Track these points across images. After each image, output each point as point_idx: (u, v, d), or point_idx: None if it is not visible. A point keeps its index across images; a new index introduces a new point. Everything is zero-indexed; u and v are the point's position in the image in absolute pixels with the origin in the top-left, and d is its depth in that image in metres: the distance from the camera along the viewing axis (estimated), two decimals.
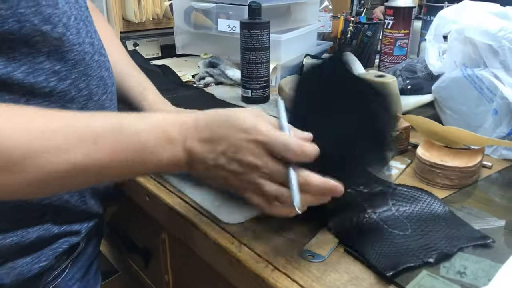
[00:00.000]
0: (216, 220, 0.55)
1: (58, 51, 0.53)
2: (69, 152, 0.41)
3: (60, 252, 0.60)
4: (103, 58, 0.63)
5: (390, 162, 0.69)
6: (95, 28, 0.63)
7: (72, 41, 0.55)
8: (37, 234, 0.57)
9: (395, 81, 0.69)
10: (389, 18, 1.08)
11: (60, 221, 0.59)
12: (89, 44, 0.59)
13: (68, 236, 0.61)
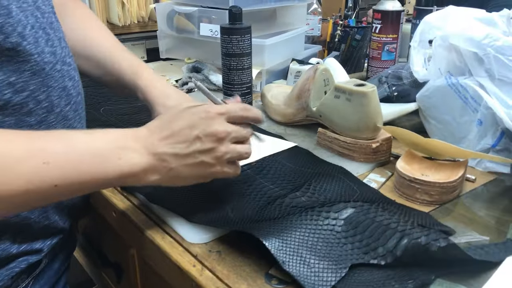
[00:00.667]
0: (181, 239, 0.52)
1: (12, 62, 0.50)
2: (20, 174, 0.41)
3: (17, 272, 0.57)
4: (66, 67, 0.59)
5: (370, 175, 0.66)
6: (61, 35, 0.60)
7: (30, 51, 0.52)
8: None
9: (374, 90, 0.66)
10: (377, 22, 1.05)
11: (19, 240, 0.56)
12: (50, 53, 0.55)
13: (28, 255, 0.58)
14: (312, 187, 0.59)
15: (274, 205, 0.55)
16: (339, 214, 0.51)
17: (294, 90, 0.80)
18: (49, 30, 0.57)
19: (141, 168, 0.47)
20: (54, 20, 0.60)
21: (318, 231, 0.49)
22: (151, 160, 0.47)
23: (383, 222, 0.49)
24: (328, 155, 0.72)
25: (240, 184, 0.62)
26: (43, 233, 0.59)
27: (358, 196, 0.58)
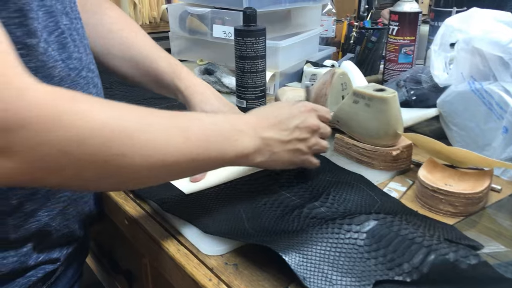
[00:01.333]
0: (196, 251, 0.50)
1: (45, 68, 0.49)
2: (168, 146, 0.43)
3: (34, 281, 0.57)
4: (91, 74, 0.59)
5: (390, 184, 0.64)
6: (86, 42, 0.60)
7: (55, 57, 0.51)
8: (12, 267, 0.53)
9: (395, 96, 0.64)
10: (394, 24, 1.03)
11: (38, 250, 0.56)
12: (77, 60, 0.55)
13: (45, 264, 0.57)
14: (331, 197, 0.57)
15: (292, 216, 0.53)
16: (361, 227, 0.49)
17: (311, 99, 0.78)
18: (76, 36, 0.56)
19: (251, 150, 0.51)
20: (80, 26, 0.59)
21: (340, 245, 0.47)
22: (259, 143, 0.52)
23: (408, 236, 0.47)
24: (346, 162, 0.70)
25: (256, 192, 0.60)
26: (62, 242, 0.59)
27: (379, 207, 0.56)
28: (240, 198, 0.58)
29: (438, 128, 0.81)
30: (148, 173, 0.43)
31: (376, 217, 0.50)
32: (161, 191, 0.60)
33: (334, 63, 1.10)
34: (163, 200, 0.58)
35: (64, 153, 0.36)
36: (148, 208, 0.59)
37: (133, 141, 0.40)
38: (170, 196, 0.59)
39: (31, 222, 0.53)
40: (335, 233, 0.48)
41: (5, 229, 0.51)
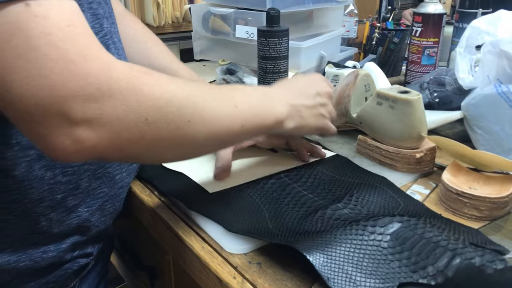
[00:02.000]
0: (220, 249, 0.51)
1: None
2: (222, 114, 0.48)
3: (69, 274, 0.59)
4: None
5: (413, 186, 0.64)
6: (121, 45, 0.62)
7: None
8: (51, 261, 0.55)
9: (420, 98, 0.64)
10: (418, 25, 1.02)
11: (76, 246, 0.58)
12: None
13: (79, 258, 0.60)
14: (354, 198, 0.57)
15: (316, 217, 0.53)
16: (385, 229, 0.49)
17: (333, 95, 0.78)
18: (115, 39, 0.59)
19: (285, 116, 0.56)
20: (117, 31, 0.62)
21: (364, 246, 0.47)
22: (290, 109, 0.57)
23: (433, 239, 0.47)
24: (368, 164, 0.70)
25: (278, 192, 0.60)
26: (97, 237, 0.61)
27: (402, 209, 0.55)
28: (263, 198, 0.59)
29: (461, 131, 0.80)
30: (205, 140, 0.47)
31: (400, 220, 0.50)
32: (185, 189, 0.61)
33: (356, 64, 1.09)
34: (187, 198, 0.59)
35: (145, 121, 0.40)
36: (173, 206, 0.60)
37: (197, 109, 0.45)
38: (194, 194, 0.60)
39: (72, 218, 0.55)
40: (359, 235, 0.48)
41: (49, 223, 0.53)
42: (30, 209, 0.51)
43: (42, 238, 0.54)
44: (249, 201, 0.58)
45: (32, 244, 0.53)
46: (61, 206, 0.53)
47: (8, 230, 0.51)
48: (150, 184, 0.65)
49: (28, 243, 0.53)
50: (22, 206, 0.50)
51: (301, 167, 0.67)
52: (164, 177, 0.65)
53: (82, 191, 0.55)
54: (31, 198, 0.51)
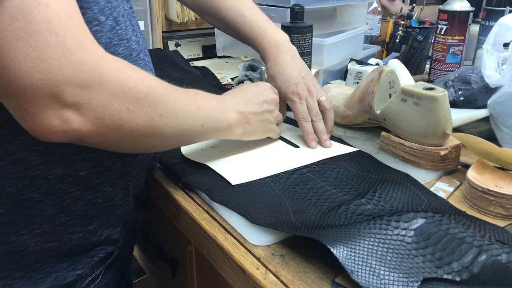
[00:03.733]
0: (243, 240, 0.52)
1: (111, 44, 0.54)
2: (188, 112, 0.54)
3: (96, 261, 0.60)
4: (147, 58, 0.64)
5: (437, 184, 0.63)
6: (139, 30, 0.64)
7: (121, 35, 0.55)
8: (77, 242, 0.56)
9: (445, 95, 0.63)
10: (443, 23, 1.01)
11: (102, 227, 0.59)
12: (136, 42, 0.59)
13: (105, 244, 0.61)
14: (377, 194, 0.57)
15: (339, 212, 0.53)
16: (409, 224, 0.48)
17: (356, 91, 0.78)
18: (134, 22, 0.61)
19: (235, 122, 0.62)
20: (135, 15, 0.64)
21: (387, 241, 0.47)
22: (239, 116, 0.62)
23: (458, 235, 0.47)
24: (391, 161, 0.69)
25: (301, 186, 0.61)
26: (121, 220, 0.62)
27: (426, 206, 0.55)
28: (285, 191, 0.59)
29: (486, 130, 0.79)
30: (172, 135, 0.52)
31: (424, 215, 0.50)
32: (209, 181, 0.62)
33: (378, 62, 1.08)
34: (211, 190, 0.60)
35: (127, 110, 0.45)
36: (197, 197, 0.61)
37: (169, 105, 0.50)
38: (218, 186, 0.61)
39: (97, 196, 0.56)
40: (383, 229, 0.48)
41: (74, 201, 0.54)
42: (54, 185, 0.52)
43: (69, 219, 0.55)
44: (271, 194, 0.59)
45: (59, 225, 0.54)
46: (85, 183, 0.55)
47: (35, 209, 0.52)
48: (173, 175, 0.66)
49: (56, 223, 0.54)
50: (47, 182, 0.52)
51: (324, 162, 0.67)
52: (187, 168, 0.66)
53: (105, 169, 0.56)
54: (56, 174, 0.52)
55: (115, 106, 0.44)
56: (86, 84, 0.42)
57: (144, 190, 0.67)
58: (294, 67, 0.74)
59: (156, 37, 1.28)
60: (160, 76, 1.05)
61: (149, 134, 0.49)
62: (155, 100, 0.48)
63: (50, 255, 0.55)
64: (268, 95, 0.68)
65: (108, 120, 0.44)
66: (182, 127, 0.53)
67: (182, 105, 0.52)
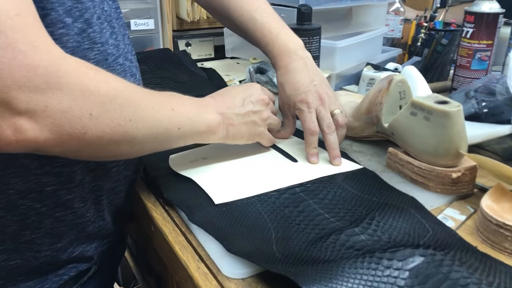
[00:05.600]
0: (216, 270, 0.46)
1: (80, 48, 0.49)
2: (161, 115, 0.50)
3: (66, 280, 0.56)
4: (129, 63, 0.58)
5: (446, 210, 0.56)
6: (125, 32, 0.59)
7: (94, 39, 0.51)
8: (44, 260, 0.53)
9: (460, 110, 0.56)
10: (469, 26, 0.92)
11: (72, 244, 0.55)
12: (113, 46, 0.54)
13: (77, 262, 0.57)
14: (374, 222, 0.50)
15: (327, 243, 0.47)
16: (404, 264, 0.42)
17: (364, 101, 0.71)
18: (115, 24, 0.56)
19: (216, 123, 0.57)
20: (121, 17, 0.59)
21: (375, 283, 0.40)
22: (221, 118, 0.58)
23: (460, 282, 0.40)
24: (398, 181, 0.62)
25: (291, 208, 0.55)
26: (96, 236, 0.58)
27: (429, 238, 0.48)
28: (272, 214, 0.53)
29: (510, 147, 0.71)
30: (144, 140, 0.48)
31: (423, 253, 0.43)
32: (191, 198, 0.57)
33: (397, 67, 1.01)
34: (191, 208, 0.54)
35: (89, 116, 0.41)
36: (176, 216, 0.56)
37: (138, 108, 0.46)
38: (200, 204, 0.56)
39: (67, 214, 0.53)
40: (372, 269, 0.41)
41: (40, 218, 0.51)
42: (16, 201, 0.48)
43: (35, 236, 0.51)
44: (256, 217, 0.53)
45: (24, 242, 0.51)
46: (52, 200, 0.51)
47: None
48: (156, 190, 0.61)
49: (20, 241, 0.51)
50: (7, 197, 0.48)
51: (321, 180, 0.61)
52: (172, 182, 0.61)
53: (76, 185, 0.52)
54: (17, 189, 0.48)
55: (75, 112, 0.40)
56: (41, 89, 0.38)
57: (125, 204, 0.62)
58: (305, 74, 0.68)
59: (166, 36, 1.24)
60: (164, 77, 1.03)
61: (118, 141, 0.45)
62: (122, 104, 0.44)
63: (14, 273, 0.52)
64: (254, 95, 0.63)
65: (68, 128, 0.40)
66: (155, 131, 0.49)
67: (155, 108, 0.49)
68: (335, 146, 0.65)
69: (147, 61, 1.05)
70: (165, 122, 0.50)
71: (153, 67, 1.04)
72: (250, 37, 0.74)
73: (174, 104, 0.52)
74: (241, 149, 0.67)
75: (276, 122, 0.67)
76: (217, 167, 0.64)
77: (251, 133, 0.63)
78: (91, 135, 0.42)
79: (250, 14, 0.72)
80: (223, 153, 0.67)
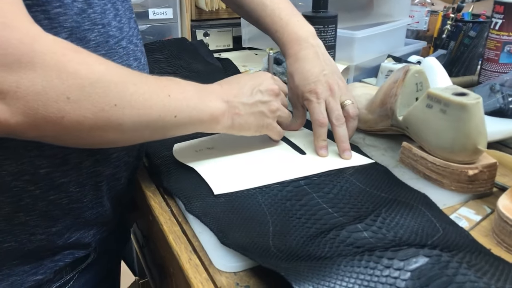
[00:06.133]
0: (208, 263, 0.44)
1: (80, 29, 0.48)
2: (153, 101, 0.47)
3: (61, 266, 0.55)
4: (133, 47, 0.57)
5: (460, 209, 0.52)
6: (132, 15, 0.58)
7: (94, 20, 0.49)
8: (39, 243, 0.52)
9: (479, 103, 0.52)
10: (498, 16, 0.87)
11: (68, 230, 0.54)
12: (117, 28, 0.53)
13: (74, 248, 0.56)
14: (380, 219, 0.47)
15: (326, 239, 0.44)
16: (406, 264, 0.39)
17: (378, 93, 0.68)
18: (119, 6, 0.54)
19: (221, 112, 0.55)
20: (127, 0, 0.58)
21: (372, 283, 0.37)
22: (226, 106, 0.55)
23: (466, 286, 0.36)
24: (410, 177, 0.59)
25: (293, 201, 0.52)
26: (94, 223, 0.57)
27: (439, 238, 0.45)
28: (272, 207, 0.51)
29: None
30: (133, 127, 0.46)
31: (428, 253, 0.40)
32: (190, 188, 0.55)
33: (420, 60, 0.96)
34: (189, 198, 0.53)
35: (67, 99, 0.39)
36: (174, 205, 0.54)
37: (125, 93, 0.44)
38: (199, 194, 0.54)
39: (62, 197, 0.52)
40: (370, 268, 0.38)
41: (33, 201, 0.50)
42: (10, 183, 0.47)
43: (29, 218, 0.50)
44: (255, 209, 0.51)
45: (18, 224, 0.50)
46: (46, 182, 0.50)
47: None
48: (157, 178, 0.60)
49: (14, 223, 0.50)
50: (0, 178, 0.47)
51: (328, 174, 0.58)
52: (173, 171, 0.60)
53: (71, 168, 0.51)
54: (9, 170, 0.47)
55: (50, 94, 0.38)
56: (12, 68, 0.36)
57: (127, 191, 0.61)
58: (315, 63, 0.65)
59: (184, 26, 1.23)
60: (178, 66, 1.01)
61: (102, 127, 0.43)
62: (105, 87, 0.42)
63: (9, 257, 0.51)
64: (263, 84, 0.59)
65: (43, 111, 0.38)
66: (147, 118, 0.46)
67: (146, 94, 0.46)
68: (344, 139, 0.62)
69: (163, 50, 1.04)
70: (158, 109, 0.47)
71: (168, 56, 1.03)
72: (260, 24, 0.72)
73: (171, 90, 0.49)
74: (248, 141, 0.65)
75: (286, 115, 0.63)
76: (222, 158, 0.62)
77: (259, 124, 0.59)
78: (69, 119, 0.40)
79: (259, 0, 0.70)
80: (230, 144, 0.65)
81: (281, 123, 0.63)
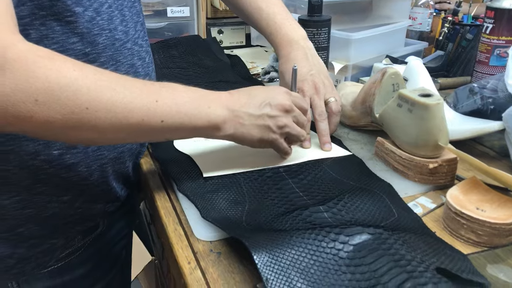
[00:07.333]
0: (190, 233, 0.53)
1: (90, 34, 0.56)
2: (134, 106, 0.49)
3: (73, 233, 0.64)
4: (137, 48, 0.64)
5: (419, 198, 0.59)
6: (139, 20, 0.66)
7: (102, 26, 0.57)
8: (53, 211, 0.61)
9: (440, 104, 0.58)
10: (489, 21, 0.91)
11: (77, 202, 0.62)
12: (122, 32, 0.61)
13: (83, 218, 0.64)
14: (341, 203, 0.54)
15: (290, 216, 0.52)
16: (350, 239, 0.46)
17: (360, 92, 0.74)
18: (127, 12, 0.62)
19: (221, 119, 0.55)
20: (135, 6, 0.65)
21: (318, 253, 0.45)
22: (229, 114, 0.56)
23: (394, 257, 0.43)
24: (381, 169, 0.65)
25: (270, 185, 0.60)
26: (101, 198, 0.65)
27: (393, 221, 0.52)
28: (251, 189, 0.59)
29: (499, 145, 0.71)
30: (112, 129, 0.48)
31: (372, 231, 0.47)
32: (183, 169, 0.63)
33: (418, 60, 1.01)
34: (181, 179, 0.61)
35: (35, 101, 0.43)
36: (169, 186, 0.63)
37: (101, 98, 0.46)
38: (190, 177, 0.62)
39: (71, 176, 0.60)
40: (318, 240, 0.46)
41: (48, 177, 0.58)
42: (27, 161, 0.55)
43: (45, 189, 0.59)
44: (236, 191, 0.58)
45: (37, 194, 0.58)
46: (58, 163, 0.57)
47: (11, 179, 0.56)
48: (157, 161, 0.69)
49: (33, 193, 0.58)
50: (19, 157, 0.55)
51: (306, 163, 0.65)
52: (171, 156, 0.68)
53: (80, 151, 0.59)
54: (27, 151, 0.55)
55: (19, 96, 0.42)
56: None
57: (132, 172, 0.70)
58: (304, 64, 0.72)
59: (200, 23, 1.31)
60: (190, 62, 1.10)
61: (75, 127, 0.46)
62: (76, 91, 0.45)
63: (30, 222, 0.60)
64: (275, 99, 0.59)
65: (12, 110, 0.43)
66: (127, 121, 0.48)
67: (127, 98, 0.48)
68: (325, 133, 0.69)
69: (178, 46, 1.13)
70: (140, 113, 0.49)
71: (182, 52, 1.12)
72: (257, 27, 0.79)
73: (160, 96, 0.51)
74: None
75: (296, 133, 0.62)
76: (215, 147, 0.70)
77: (263, 138, 0.59)
78: (38, 119, 0.44)
79: (256, 4, 0.77)
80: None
81: (291, 141, 0.64)
